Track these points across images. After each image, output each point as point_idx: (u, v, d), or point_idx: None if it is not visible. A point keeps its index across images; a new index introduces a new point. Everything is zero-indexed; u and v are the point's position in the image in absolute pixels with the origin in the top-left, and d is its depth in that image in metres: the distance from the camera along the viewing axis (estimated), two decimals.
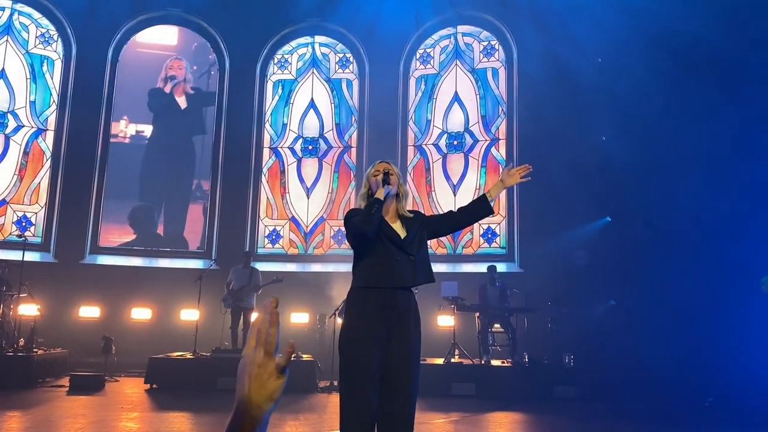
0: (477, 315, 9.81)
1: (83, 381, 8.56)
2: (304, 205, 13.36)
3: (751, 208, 8.96)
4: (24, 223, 12.39)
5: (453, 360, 9.30)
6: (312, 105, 13.74)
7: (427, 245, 3.35)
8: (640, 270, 10.15)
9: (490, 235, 12.68)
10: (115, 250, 12.75)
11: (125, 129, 13.46)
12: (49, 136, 12.85)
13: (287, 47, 13.94)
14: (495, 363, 9.41)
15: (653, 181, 10.08)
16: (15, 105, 12.75)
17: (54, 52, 13.15)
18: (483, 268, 10.52)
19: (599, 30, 11.19)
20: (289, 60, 13.97)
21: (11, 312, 9.39)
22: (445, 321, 10.40)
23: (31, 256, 11.13)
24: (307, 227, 13.25)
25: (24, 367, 8.56)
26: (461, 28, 13.53)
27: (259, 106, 13.60)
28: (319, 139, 13.60)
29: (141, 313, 11.87)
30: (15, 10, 12.99)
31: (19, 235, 10.47)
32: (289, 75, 13.91)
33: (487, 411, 7.41)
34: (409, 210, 3.38)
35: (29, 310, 9.66)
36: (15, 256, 10.01)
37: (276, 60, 13.92)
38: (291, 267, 12.62)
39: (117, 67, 13.32)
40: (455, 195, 12.90)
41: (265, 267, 11.55)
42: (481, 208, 3.40)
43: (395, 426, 2.99)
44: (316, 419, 6.53)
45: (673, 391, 8.30)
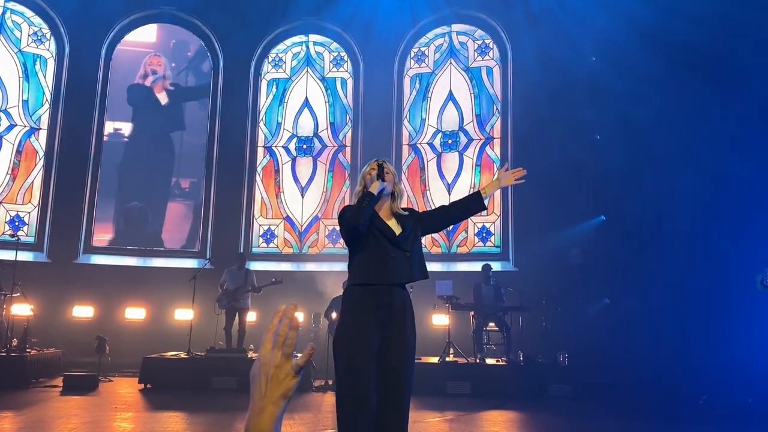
0: (472, 314, 9.82)
1: (77, 381, 8.52)
2: (298, 205, 13.34)
3: (747, 206, 8.99)
4: (17, 223, 12.33)
5: (448, 359, 9.31)
6: (306, 104, 13.71)
7: (421, 242, 3.36)
8: (634, 268, 10.17)
9: (484, 234, 12.69)
10: (109, 249, 12.69)
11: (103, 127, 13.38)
12: (42, 135, 12.78)
13: (281, 46, 13.91)
14: (490, 362, 9.41)
15: (648, 180, 10.09)
16: (7, 104, 12.68)
17: (47, 50, 13.08)
18: (477, 267, 10.52)
19: (593, 29, 11.22)
20: (284, 59, 13.94)
21: (4, 312, 9.34)
22: (440, 320, 10.40)
23: (24, 255, 11.07)
24: (302, 226, 13.23)
25: (17, 368, 8.52)
26: (456, 26, 13.52)
27: (254, 104, 13.57)
28: (314, 138, 13.58)
29: (135, 313, 11.82)
30: (7, 8, 12.91)
31: (12, 235, 10.41)
32: (284, 74, 13.88)
33: (482, 409, 7.42)
34: (404, 208, 3.40)
35: (22, 310, 9.61)
36: (8, 255, 9.95)
37: (270, 59, 13.89)
38: (286, 266, 12.59)
39: (110, 66, 13.27)
40: (450, 194, 12.89)
41: (260, 266, 11.54)
42: (475, 203, 3.44)
43: (390, 424, 2.99)
44: (311, 418, 6.52)
45: (668, 390, 8.33)
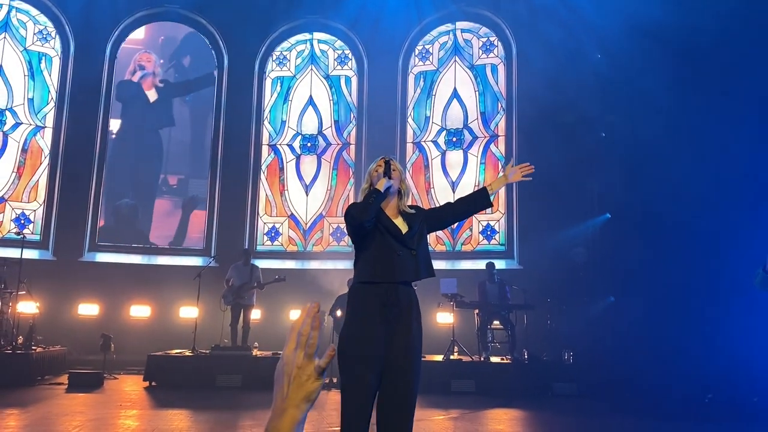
0: (476, 312, 9.81)
1: (82, 379, 8.55)
2: (303, 203, 13.34)
3: (754, 205, 8.94)
4: (23, 221, 12.37)
5: (452, 357, 9.30)
6: (311, 102, 13.71)
7: (427, 240, 3.34)
8: (639, 267, 10.13)
9: (489, 232, 12.67)
10: (114, 247, 12.72)
11: None
12: (47, 133, 12.82)
13: (286, 44, 13.91)
14: (494, 360, 9.41)
15: (653, 178, 10.05)
16: (13, 102, 12.72)
17: (52, 49, 13.12)
18: (482, 265, 10.51)
19: (598, 26, 11.17)
20: (288, 57, 13.94)
21: (10, 310, 9.37)
22: (445, 318, 10.40)
23: (30, 253, 11.11)
24: (306, 224, 13.23)
25: (23, 365, 8.56)
26: (460, 24, 13.50)
27: (258, 103, 13.58)
28: (318, 136, 13.58)
29: (140, 311, 11.86)
30: (13, 7, 12.95)
31: (18, 233, 10.45)
32: (288, 72, 13.88)
33: (487, 408, 7.41)
34: (410, 205, 3.37)
35: (28, 307, 9.66)
36: (14, 253, 9.99)
37: (274, 57, 13.89)
38: (290, 264, 12.61)
39: (115, 65, 13.29)
40: (454, 192, 12.88)
41: (265, 264, 11.55)
42: (481, 200, 3.42)
43: (395, 423, 2.98)
44: (315, 416, 6.52)
45: (673, 388, 8.30)
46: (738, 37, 9.51)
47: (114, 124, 13.39)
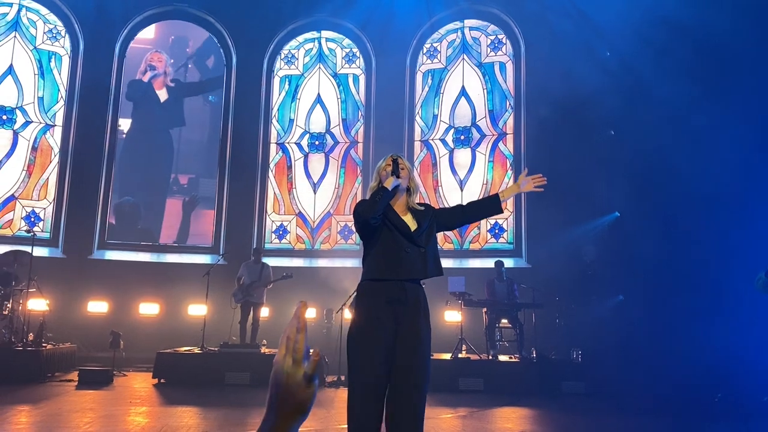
0: (484, 310, 9.80)
1: (92, 376, 8.59)
2: (310, 201, 13.36)
3: (765, 203, 8.88)
4: (33, 219, 12.45)
5: (460, 355, 9.29)
6: (318, 100, 13.73)
7: (436, 238, 3.33)
8: (648, 265, 10.08)
9: (497, 231, 12.65)
10: (123, 245, 12.78)
11: None
12: (57, 131, 12.90)
13: (294, 42, 13.92)
14: (502, 358, 9.40)
15: (662, 176, 10.00)
16: (23, 101, 12.80)
17: (62, 47, 13.19)
18: (490, 263, 10.49)
19: (607, 24, 11.11)
20: (296, 55, 13.95)
21: (20, 307, 9.44)
22: (453, 316, 10.39)
23: (40, 251, 11.18)
24: (314, 222, 13.25)
25: (33, 362, 8.61)
26: (468, 22, 13.47)
27: (266, 101, 13.61)
28: (326, 135, 13.59)
29: (149, 308, 11.91)
30: (23, 6, 13.03)
31: (28, 231, 10.52)
32: (296, 70, 13.90)
33: (495, 406, 7.40)
34: (419, 203, 3.37)
35: (38, 305, 9.72)
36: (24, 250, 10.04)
37: (283, 55, 13.91)
38: (298, 262, 12.64)
39: (124, 63, 13.35)
40: (462, 190, 12.86)
41: (272, 262, 11.56)
42: (492, 206, 3.40)
43: (403, 421, 2.97)
44: (323, 414, 6.52)
45: (683, 387, 8.25)
46: (750, 34, 9.44)
47: (124, 123, 13.45)
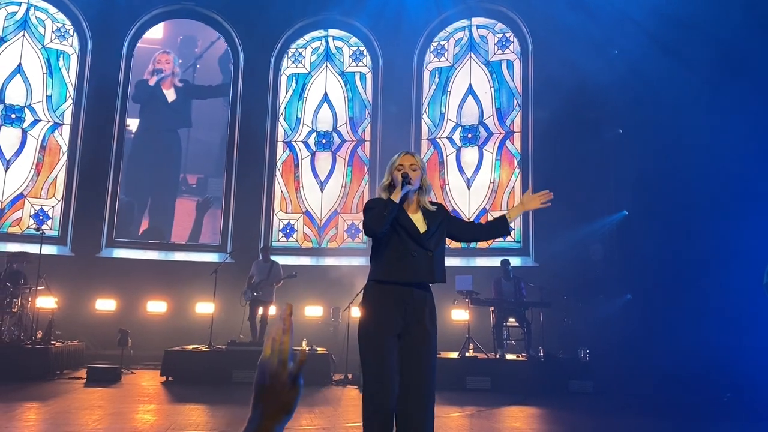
0: (492, 309, 9.77)
1: (100, 373, 8.63)
2: (317, 199, 13.37)
3: None
4: (41, 217, 12.51)
5: (468, 354, 9.28)
6: (326, 99, 13.73)
7: (445, 243, 3.27)
8: (657, 264, 10.05)
9: None
10: (132, 243, 12.83)
11: None
12: (66, 130, 12.95)
13: (301, 41, 13.93)
14: (510, 357, 9.38)
15: (670, 175, 9.96)
16: (32, 99, 12.86)
17: (70, 46, 13.24)
18: (497, 262, 10.46)
19: (615, 22, 11.07)
20: (303, 54, 13.96)
21: (29, 305, 9.49)
22: (460, 315, 10.37)
23: (49, 249, 11.22)
24: (321, 221, 13.26)
25: (42, 360, 8.65)
26: (476, 20, 13.43)
27: (273, 100, 13.61)
28: (333, 133, 13.59)
29: (157, 306, 11.95)
30: (31, 5, 13.08)
31: (37, 229, 10.57)
32: (303, 69, 13.90)
33: (502, 405, 7.38)
34: (432, 202, 3.29)
35: (47, 302, 9.76)
36: (33, 249, 10.11)
37: (290, 54, 13.92)
38: (305, 260, 12.65)
39: (132, 62, 13.39)
40: (469, 188, 12.84)
41: (280, 260, 11.56)
42: (501, 227, 3.34)
43: (413, 421, 2.97)
44: (331, 412, 6.53)
45: (691, 387, 8.22)
46: (760, 34, 9.38)
47: (133, 123, 13.50)
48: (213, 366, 9.04)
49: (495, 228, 3.37)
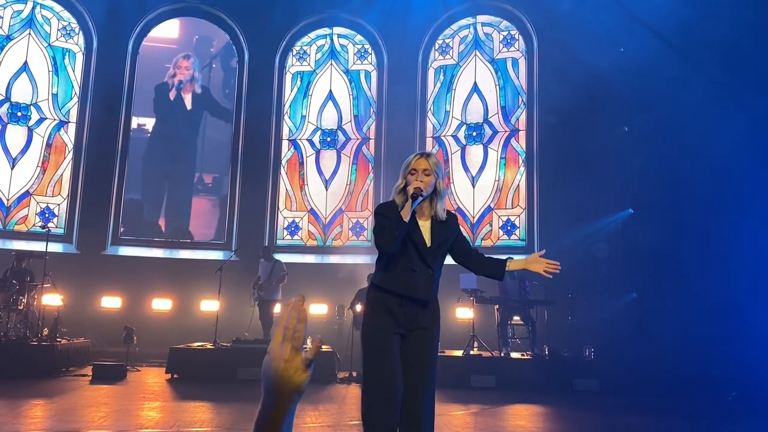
0: (496, 307, 9.77)
1: (105, 370, 8.67)
2: (322, 197, 13.38)
3: None
4: (47, 215, 12.56)
5: (472, 352, 9.28)
6: (330, 97, 13.72)
7: (444, 260, 3.22)
8: (662, 262, 10.03)
9: (509, 227, 12.60)
10: (137, 241, 12.87)
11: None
12: (71, 128, 12.99)
13: (306, 39, 13.92)
14: (514, 355, 9.37)
15: (676, 173, 9.93)
16: (38, 98, 12.90)
17: (75, 44, 13.27)
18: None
19: (620, 19, 11.03)
20: (308, 52, 13.96)
21: (35, 302, 9.53)
22: (464, 313, 10.37)
23: (54, 247, 11.27)
24: (326, 219, 13.27)
25: (48, 357, 8.69)
26: (480, 18, 13.40)
27: (278, 98, 13.62)
28: (338, 131, 13.60)
29: (162, 304, 11.99)
30: (37, 3, 13.12)
31: (43, 226, 10.61)
32: (308, 67, 13.90)
33: (507, 403, 7.38)
34: (446, 210, 3.19)
35: (53, 300, 9.80)
36: (39, 247, 10.15)
37: (295, 52, 13.92)
38: (310, 258, 12.67)
39: (137, 60, 13.41)
40: (474, 186, 12.83)
41: (284, 258, 11.59)
42: (497, 270, 3.25)
43: (413, 418, 2.98)
44: (335, 410, 6.54)
45: (696, 385, 8.20)
46: (766, 33, 9.33)
47: (148, 122, 13.54)
48: (218, 363, 9.07)
49: (492, 267, 3.25)
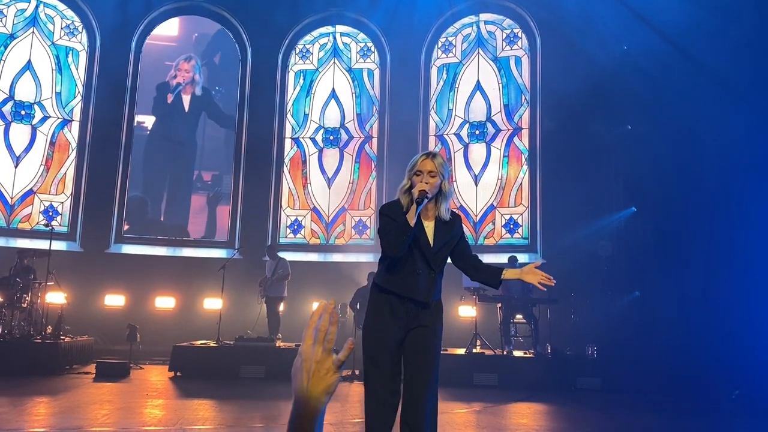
0: (499, 306, 9.77)
1: (109, 368, 8.69)
2: (325, 196, 13.38)
3: None
4: (51, 213, 12.59)
5: (475, 350, 9.29)
6: (333, 95, 13.72)
7: (446, 262, 3.22)
8: (665, 261, 10.00)
9: (512, 226, 12.58)
10: (140, 239, 12.89)
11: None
12: (75, 126, 13.01)
13: (308, 37, 13.92)
14: (517, 354, 9.37)
15: (680, 171, 9.91)
16: (41, 96, 12.92)
17: (79, 43, 13.29)
18: (504, 258, 10.45)
19: (623, 17, 11.01)
20: (311, 50, 13.96)
21: (39, 300, 9.56)
22: (467, 311, 10.37)
23: (58, 245, 11.29)
24: (329, 217, 13.27)
25: (51, 354, 8.71)
26: (483, 16, 13.38)
27: (281, 96, 13.62)
28: (341, 130, 13.59)
29: (165, 302, 12.01)
30: (40, 1, 13.13)
31: (46, 225, 10.64)
32: (311, 65, 13.90)
33: (510, 401, 7.38)
34: (451, 210, 3.19)
35: (56, 298, 9.83)
36: (42, 245, 10.17)
37: (297, 50, 13.92)
38: (312, 257, 12.67)
39: (140, 59, 13.43)
40: (476, 185, 12.82)
41: (287, 257, 11.62)
42: (492, 278, 3.24)
43: (415, 414, 2.99)
44: (338, 408, 6.55)
45: (699, 383, 8.19)
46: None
47: (147, 119, 13.54)
48: (221, 361, 9.09)
49: (488, 275, 3.25)
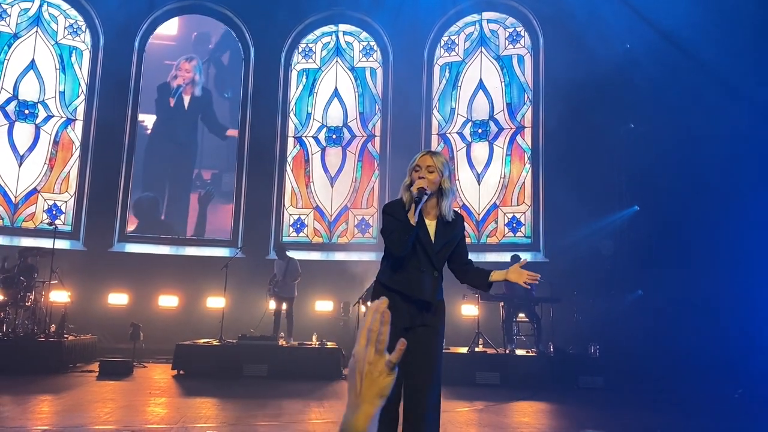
0: (501, 304, 9.77)
1: (112, 366, 8.71)
2: (328, 194, 13.39)
3: None
4: (54, 212, 12.62)
5: (477, 349, 9.29)
6: (336, 94, 13.73)
7: (446, 261, 3.22)
8: (668, 259, 10.00)
9: (515, 224, 12.58)
10: (143, 238, 12.92)
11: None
12: (78, 125, 13.05)
13: (311, 36, 13.93)
14: (519, 352, 9.36)
15: (682, 170, 9.90)
16: (45, 95, 12.96)
17: (82, 42, 13.32)
18: (507, 257, 10.43)
19: (626, 16, 10.99)
20: (313, 49, 13.96)
21: (43, 299, 9.59)
22: (470, 310, 10.37)
23: (62, 243, 11.33)
24: (331, 216, 13.29)
25: (55, 353, 8.74)
26: (486, 14, 13.37)
27: (284, 95, 13.63)
28: (343, 128, 13.60)
29: (168, 301, 12.04)
30: (44, 1, 13.17)
31: (50, 223, 10.67)
32: (313, 64, 13.91)
33: (512, 400, 7.38)
34: (454, 210, 3.17)
35: (60, 296, 9.86)
36: (46, 243, 10.20)
37: (300, 49, 13.93)
38: (315, 255, 12.68)
39: (143, 58, 13.45)
40: (479, 183, 12.81)
41: (290, 255, 11.64)
42: (481, 281, 3.22)
43: (416, 412, 2.99)
44: (340, 406, 6.56)
45: (702, 382, 8.19)
46: None
47: (148, 118, 13.57)
48: (224, 360, 9.11)
49: (476, 278, 3.23)
